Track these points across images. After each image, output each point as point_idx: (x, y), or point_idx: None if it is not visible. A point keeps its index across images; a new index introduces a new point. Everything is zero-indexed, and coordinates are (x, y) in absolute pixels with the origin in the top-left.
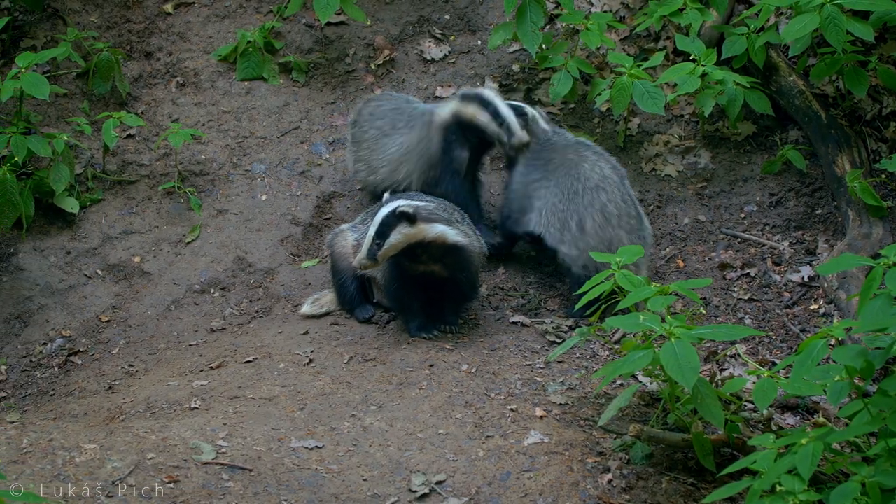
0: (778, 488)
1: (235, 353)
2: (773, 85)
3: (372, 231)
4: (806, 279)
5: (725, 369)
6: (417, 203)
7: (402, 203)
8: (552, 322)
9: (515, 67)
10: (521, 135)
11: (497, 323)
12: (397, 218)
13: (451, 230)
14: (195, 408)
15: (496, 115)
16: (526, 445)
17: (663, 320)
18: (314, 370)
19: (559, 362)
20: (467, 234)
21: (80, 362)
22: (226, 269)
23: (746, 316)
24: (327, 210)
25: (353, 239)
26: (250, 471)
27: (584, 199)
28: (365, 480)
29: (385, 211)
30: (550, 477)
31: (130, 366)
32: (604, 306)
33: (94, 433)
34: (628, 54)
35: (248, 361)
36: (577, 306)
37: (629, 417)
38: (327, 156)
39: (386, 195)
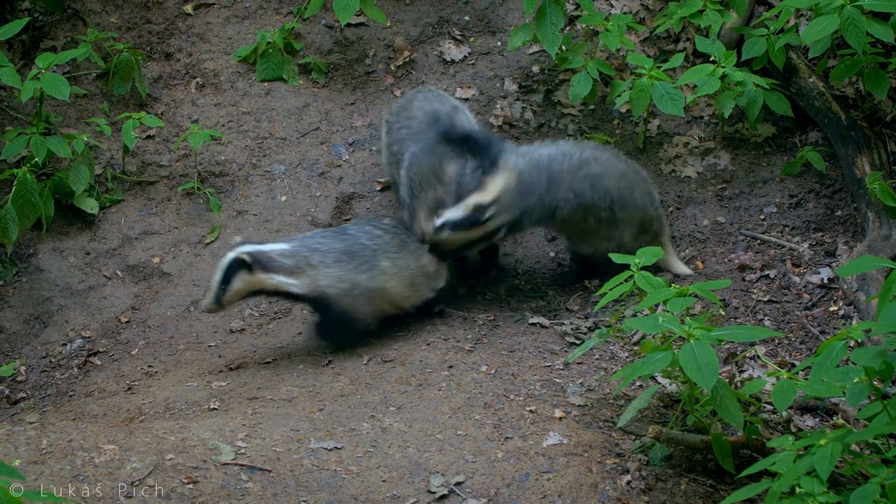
0: (797, 490)
1: (255, 354)
2: (793, 86)
3: (218, 276)
4: (825, 281)
5: (745, 371)
6: (264, 248)
7: (244, 249)
8: (571, 323)
9: (535, 69)
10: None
11: (516, 324)
12: (237, 265)
13: (291, 280)
14: (214, 409)
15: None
16: (545, 447)
17: (682, 322)
18: (333, 371)
19: (578, 363)
20: (317, 280)
21: (99, 363)
22: None
23: (766, 317)
24: (347, 211)
25: None
26: (269, 472)
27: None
28: (384, 481)
29: (229, 256)
30: (569, 478)
31: (150, 366)
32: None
33: (113, 434)
34: (648, 56)
35: (268, 362)
36: (598, 306)
37: (648, 419)
38: (347, 157)
39: (237, 238)
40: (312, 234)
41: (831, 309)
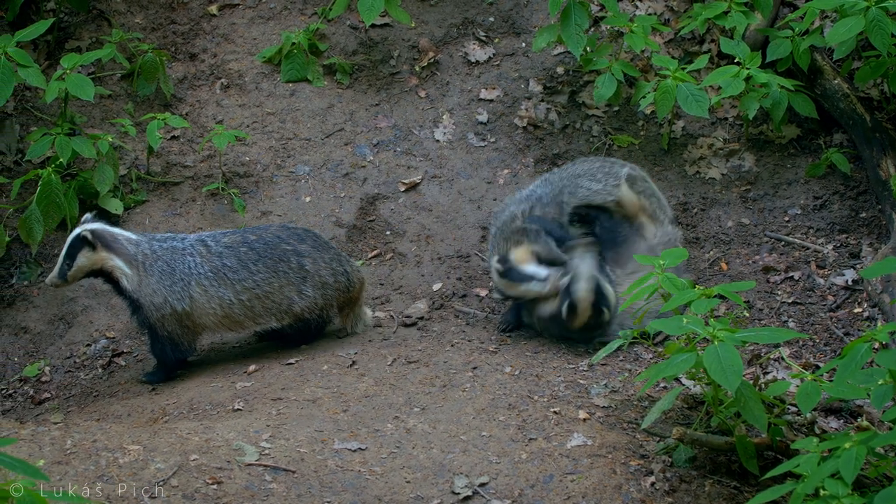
0: (821, 492)
1: (279, 355)
2: (818, 88)
3: (63, 251)
4: (850, 282)
5: (769, 372)
6: (111, 229)
7: (87, 227)
8: None
9: (560, 70)
10: None
11: None
12: (81, 242)
13: (126, 269)
14: (238, 409)
15: None
16: (569, 448)
17: (707, 323)
18: (357, 372)
19: (602, 365)
20: (140, 283)
21: (123, 363)
22: None
23: (790, 319)
24: (371, 212)
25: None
26: (293, 472)
27: None
28: (408, 482)
29: (75, 232)
30: (593, 480)
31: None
32: (647, 308)
33: (137, 434)
34: (673, 57)
35: (291, 363)
36: (623, 307)
37: (672, 420)
38: (371, 157)
39: (87, 215)
40: (162, 237)
41: (856, 311)
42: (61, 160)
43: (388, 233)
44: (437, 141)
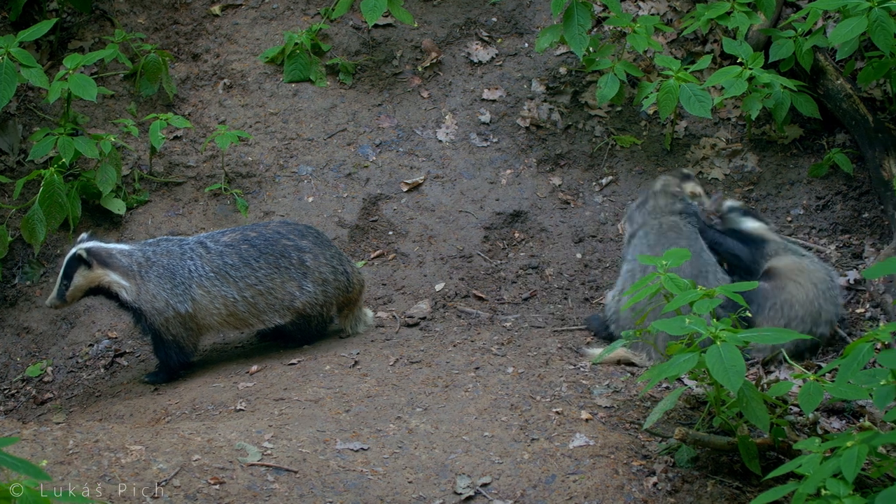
0: (823, 492)
1: (281, 355)
2: (821, 88)
3: (61, 272)
4: (852, 283)
5: (771, 373)
6: (105, 245)
7: (82, 246)
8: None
9: (562, 70)
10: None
11: (542, 327)
12: (77, 261)
13: (123, 282)
14: (241, 409)
15: None
16: (571, 448)
17: (709, 323)
18: (360, 372)
19: (605, 365)
20: (139, 291)
21: (125, 363)
22: None
23: None
24: (374, 212)
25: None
26: (295, 472)
27: None
28: (410, 483)
29: (70, 252)
30: (595, 480)
31: None
32: (649, 309)
33: (139, 434)
34: (675, 57)
35: (293, 363)
36: (625, 307)
37: (674, 420)
38: (374, 158)
39: (83, 235)
40: (155, 241)
41: (858, 311)
42: (64, 160)
43: (390, 233)
44: (440, 141)
